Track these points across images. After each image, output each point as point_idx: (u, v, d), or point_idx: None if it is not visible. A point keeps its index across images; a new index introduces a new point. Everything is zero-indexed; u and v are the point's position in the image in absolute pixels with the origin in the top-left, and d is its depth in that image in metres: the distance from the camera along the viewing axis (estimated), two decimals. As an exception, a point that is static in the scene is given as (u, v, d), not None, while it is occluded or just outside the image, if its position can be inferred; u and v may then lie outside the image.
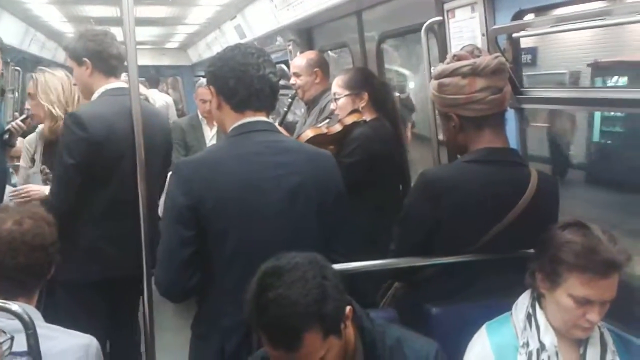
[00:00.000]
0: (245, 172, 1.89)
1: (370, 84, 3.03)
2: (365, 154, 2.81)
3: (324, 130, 2.89)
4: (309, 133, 2.88)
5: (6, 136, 3.29)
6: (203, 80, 4.56)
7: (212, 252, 1.89)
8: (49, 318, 1.85)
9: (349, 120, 2.88)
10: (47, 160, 3.05)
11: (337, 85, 2.98)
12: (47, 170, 3.01)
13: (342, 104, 2.96)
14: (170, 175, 1.99)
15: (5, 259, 1.75)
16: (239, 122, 1.95)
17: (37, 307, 1.87)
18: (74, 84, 2.90)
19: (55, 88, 2.97)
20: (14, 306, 1.63)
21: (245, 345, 1.86)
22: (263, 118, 1.98)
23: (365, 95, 2.95)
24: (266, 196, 1.89)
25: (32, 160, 3.16)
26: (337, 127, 2.89)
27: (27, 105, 3.10)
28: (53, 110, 2.95)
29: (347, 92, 2.95)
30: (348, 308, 1.52)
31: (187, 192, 1.85)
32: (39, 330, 1.63)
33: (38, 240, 1.79)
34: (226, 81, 1.94)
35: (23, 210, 1.88)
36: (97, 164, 2.50)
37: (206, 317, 1.99)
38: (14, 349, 1.65)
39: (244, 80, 1.93)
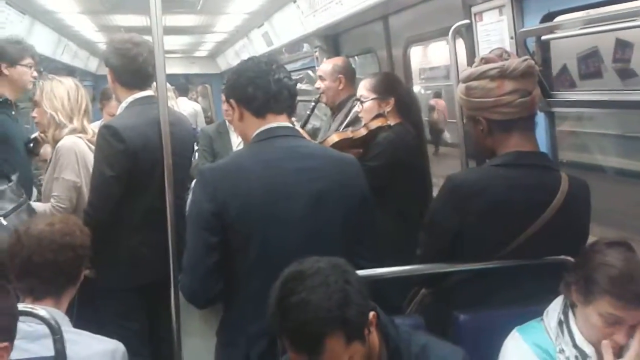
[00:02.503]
0: (269, 177, 1.89)
1: (397, 89, 3.02)
2: (390, 158, 2.79)
3: (350, 135, 2.89)
4: (334, 137, 2.88)
5: (31, 144, 3.36)
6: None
7: (237, 257, 1.89)
8: (88, 326, 1.88)
9: (374, 124, 2.87)
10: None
11: (365, 88, 2.98)
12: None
13: (368, 107, 2.95)
14: (195, 181, 1.99)
15: (34, 256, 1.80)
16: (262, 128, 1.96)
17: (69, 315, 1.90)
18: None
19: (61, 96, 2.92)
20: (42, 311, 1.66)
21: (270, 351, 1.85)
22: (285, 123, 1.99)
23: (392, 100, 2.94)
24: (290, 201, 1.88)
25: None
26: (362, 131, 2.88)
27: (34, 113, 3.03)
28: (56, 117, 2.89)
29: (373, 96, 2.94)
30: (372, 314, 1.50)
31: (212, 199, 1.86)
32: (66, 335, 1.66)
33: (67, 240, 1.85)
34: (244, 89, 1.96)
35: (58, 216, 2.00)
36: (135, 173, 2.54)
37: (232, 323, 1.99)
38: (42, 353, 1.68)
39: (261, 85, 1.95)
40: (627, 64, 2.83)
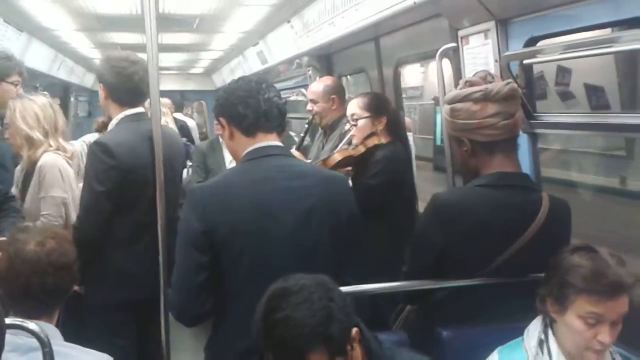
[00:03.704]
0: (259, 197, 1.90)
1: (388, 108, 3.11)
2: (388, 176, 2.88)
3: (351, 152, 2.95)
4: (337, 157, 2.94)
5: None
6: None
7: (227, 276, 1.90)
8: (74, 340, 1.85)
9: (371, 142, 2.94)
10: (24, 190, 2.89)
11: (358, 107, 3.03)
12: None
13: (362, 125, 3.01)
14: (185, 200, 2.00)
15: (32, 280, 1.74)
16: (252, 147, 1.98)
17: (56, 325, 1.89)
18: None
19: (35, 113, 2.87)
20: (31, 324, 1.66)
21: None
22: (275, 142, 2.01)
23: (384, 119, 3.01)
24: (280, 220, 1.90)
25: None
26: (361, 149, 2.95)
27: (6, 135, 2.95)
28: (32, 134, 2.84)
29: (367, 115, 3.01)
30: (355, 330, 1.53)
31: (202, 218, 1.87)
32: (57, 348, 1.65)
33: (63, 260, 1.80)
34: (235, 108, 1.98)
35: (44, 230, 1.90)
36: (125, 189, 2.54)
37: (220, 340, 2.00)
38: None
39: (251, 104, 1.97)
40: (567, 87, 3.01)
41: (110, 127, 2.76)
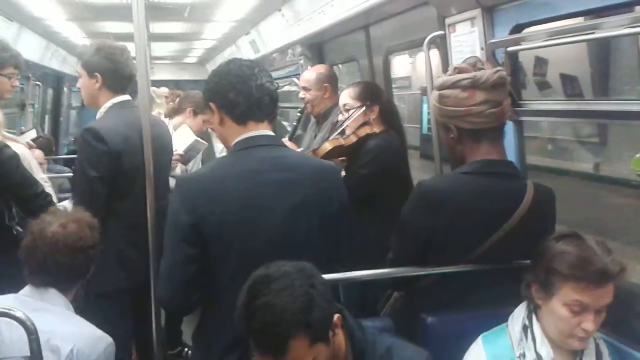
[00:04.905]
0: (248, 190, 1.87)
1: (380, 97, 3.08)
2: (380, 165, 2.86)
3: (342, 142, 2.94)
4: (327, 146, 2.92)
5: None
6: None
7: (216, 267, 1.88)
8: None
9: (363, 132, 2.93)
10: None
11: (349, 97, 3.01)
12: None
13: (354, 115, 3.00)
14: (174, 190, 1.97)
15: (48, 259, 1.93)
16: (243, 136, 1.94)
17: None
18: (77, 88, 2.89)
19: None
20: (18, 312, 1.69)
21: (246, 358, 1.87)
22: (266, 131, 1.97)
23: (376, 108, 3.00)
24: (269, 213, 1.87)
25: None
26: (352, 139, 2.94)
27: None
28: None
29: (359, 104, 2.99)
30: (337, 316, 1.55)
31: (190, 211, 1.84)
32: (61, 315, 1.87)
33: (79, 244, 1.97)
34: (226, 94, 1.93)
35: (69, 214, 2.08)
36: (118, 174, 2.57)
37: (208, 330, 2.00)
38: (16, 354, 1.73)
39: (243, 91, 1.92)
40: (544, 77, 3.06)
41: (98, 115, 2.76)
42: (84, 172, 2.54)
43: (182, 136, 3.99)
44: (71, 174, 4.20)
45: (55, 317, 1.88)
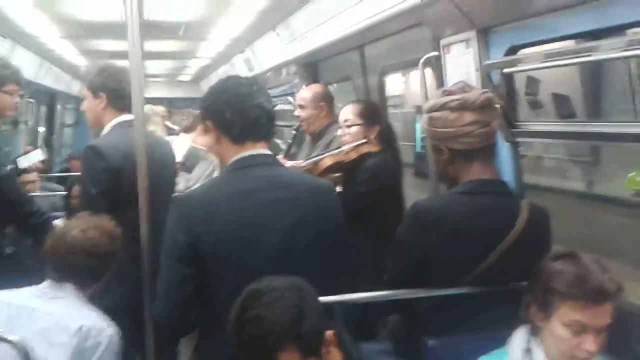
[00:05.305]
0: (244, 208, 1.86)
1: (380, 118, 3.15)
2: (378, 183, 2.89)
3: (342, 158, 2.97)
4: (327, 161, 2.96)
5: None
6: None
7: (212, 287, 1.87)
8: None
9: (364, 149, 2.96)
10: None
11: (352, 113, 3.04)
12: None
13: (354, 132, 3.02)
14: (171, 209, 1.95)
15: (65, 260, 2.07)
16: (240, 156, 1.93)
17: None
18: (84, 110, 2.93)
19: None
20: (12, 336, 1.71)
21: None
22: (263, 150, 1.96)
23: (377, 128, 3.03)
24: (266, 233, 1.87)
25: None
26: (352, 155, 2.96)
27: None
28: None
29: (360, 122, 3.02)
30: (330, 332, 1.53)
31: (187, 230, 1.83)
32: (76, 303, 2.02)
33: (95, 250, 2.09)
34: (222, 114, 1.92)
35: (93, 221, 2.19)
36: (119, 191, 2.58)
37: (206, 349, 1.98)
38: None
39: (240, 111, 1.91)
40: (536, 97, 3.11)
41: (103, 132, 2.79)
42: (86, 189, 2.61)
43: (179, 144, 4.10)
44: (65, 192, 4.17)
45: (68, 303, 2.03)
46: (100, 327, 1.99)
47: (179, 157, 3.87)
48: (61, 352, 1.89)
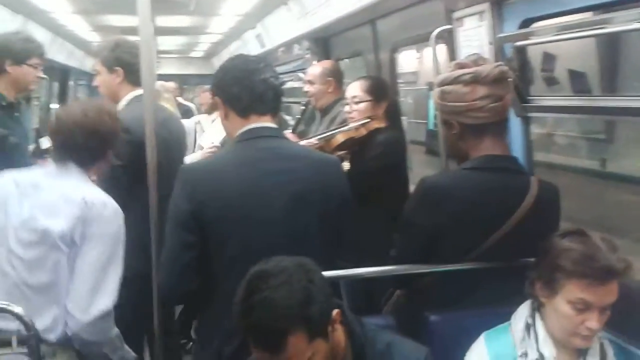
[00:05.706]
0: (248, 178, 1.90)
1: (388, 94, 3.14)
2: (388, 159, 2.91)
3: (353, 134, 2.97)
4: (339, 138, 2.96)
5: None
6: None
7: (215, 256, 1.90)
8: None
9: (373, 125, 2.96)
10: None
11: (360, 89, 3.03)
12: None
13: (363, 108, 3.02)
14: (177, 179, 1.99)
15: (68, 139, 2.13)
16: (245, 128, 1.97)
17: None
18: (96, 86, 2.94)
19: None
20: (17, 308, 1.71)
21: (244, 348, 1.87)
22: (268, 124, 1.99)
23: (384, 104, 3.02)
24: (268, 203, 1.89)
25: None
26: (363, 131, 2.96)
27: None
28: None
29: (369, 98, 3.02)
30: (336, 311, 1.52)
31: (191, 198, 1.87)
32: (80, 180, 2.11)
33: (96, 128, 2.15)
34: (230, 89, 1.97)
35: (92, 103, 2.26)
36: (141, 164, 2.59)
37: (207, 321, 2.02)
38: None
39: (246, 86, 1.96)
40: (552, 73, 3.05)
41: (120, 107, 2.80)
42: (110, 161, 2.60)
43: (218, 128, 4.05)
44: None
45: (71, 179, 2.11)
46: (103, 201, 2.07)
47: (216, 142, 3.89)
48: (65, 221, 1.99)
